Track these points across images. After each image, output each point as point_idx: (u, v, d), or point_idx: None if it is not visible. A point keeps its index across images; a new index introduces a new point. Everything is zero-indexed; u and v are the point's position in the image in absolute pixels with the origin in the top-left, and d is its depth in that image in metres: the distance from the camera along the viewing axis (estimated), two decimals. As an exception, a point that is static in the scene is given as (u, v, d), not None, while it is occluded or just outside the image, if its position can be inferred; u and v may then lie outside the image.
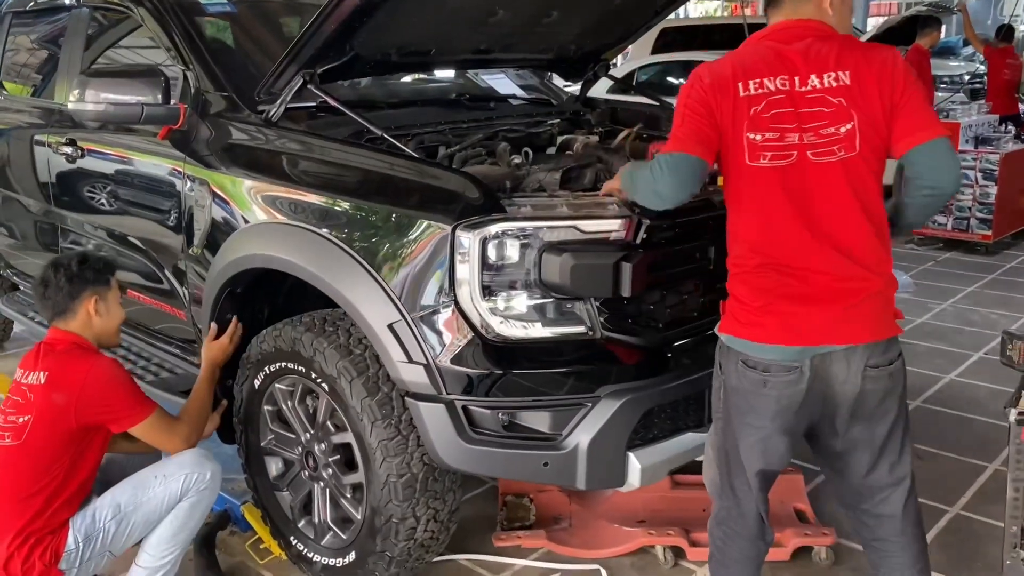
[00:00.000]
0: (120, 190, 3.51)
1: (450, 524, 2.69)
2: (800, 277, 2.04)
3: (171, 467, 2.62)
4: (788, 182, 2.03)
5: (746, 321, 2.10)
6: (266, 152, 2.91)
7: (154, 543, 2.61)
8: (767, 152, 2.03)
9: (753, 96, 2.03)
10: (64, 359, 2.56)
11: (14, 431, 2.50)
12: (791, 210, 2.03)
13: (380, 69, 3.22)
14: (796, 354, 2.05)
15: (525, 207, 2.40)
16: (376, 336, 2.43)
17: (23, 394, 2.53)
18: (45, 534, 2.46)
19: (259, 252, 2.75)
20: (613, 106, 4.02)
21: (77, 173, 3.71)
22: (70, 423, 2.49)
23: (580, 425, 2.39)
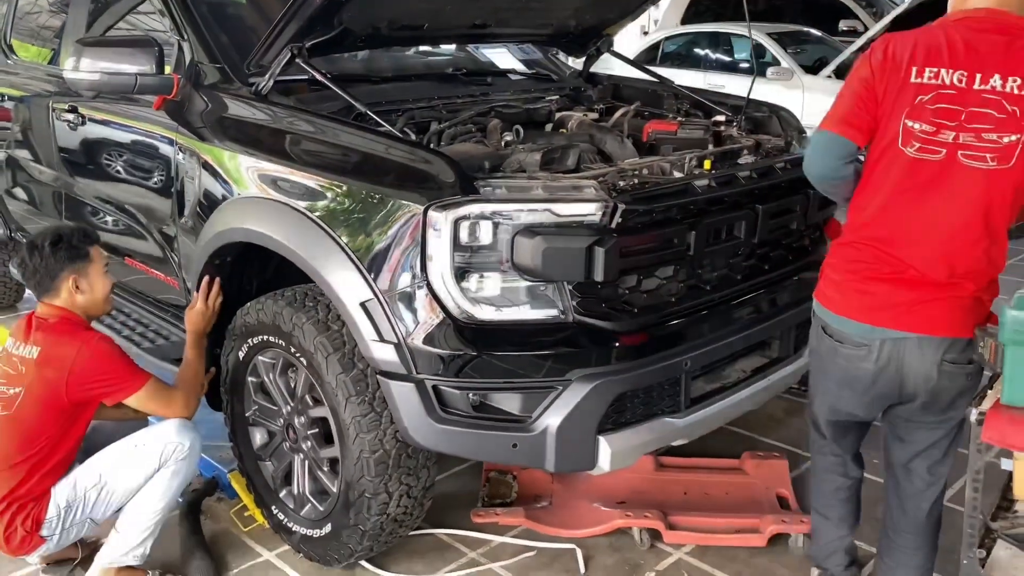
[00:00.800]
0: (119, 159, 3.54)
1: (424, 500, 2.72)
2: (893, 265, 2.10)
3: (150, 436, 2.67)
4: (925, 176, 2.05)
5: (830, 291, 2.22)
6: (252, 125, 2.91)
7: (133, 510, 2.67)
8: (917, 142, 2.05)
9: (924, 85, 2.03)
10: (55, 335, 2.60)
11: (4, 401, 2.56)
12: (914, 202, 2.06)
13: (371, 43, 3.20)
14: (866, 332, 2.14)
15: (500, 189, 2.39)
16: (349, 314, 2.44)
17: (15, 365, 2.59)
18: (28, 501, 2.54)
19: (240, 226, 2.77)
20: (616, 82, 3.97)
21: (79, 140, 3.75)
22: (61, 399, 2.56)
23: (550, 408, 2.39)
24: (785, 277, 2.99)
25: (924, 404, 2.20)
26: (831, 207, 3.17)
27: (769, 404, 3.96)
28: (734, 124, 3.34)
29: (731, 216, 2.67)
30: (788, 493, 3.18)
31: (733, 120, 3.38)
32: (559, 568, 2.87)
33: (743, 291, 2.83)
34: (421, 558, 2.92)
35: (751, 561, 2.89)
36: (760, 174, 2.80)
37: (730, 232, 2.69)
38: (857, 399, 2.26)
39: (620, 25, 3.84)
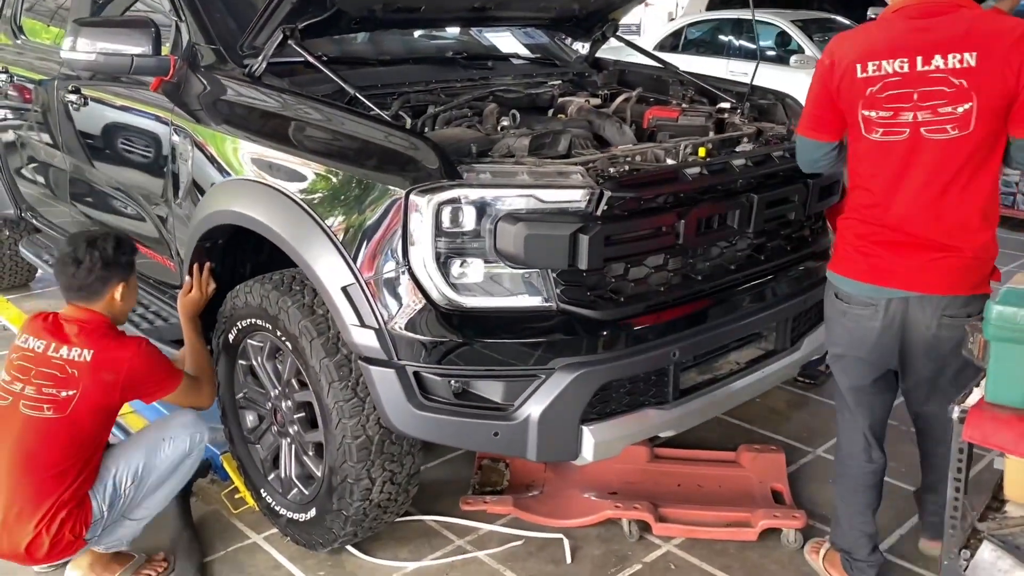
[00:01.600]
0: (119, 140, 3.55)
1: (409, 488, 2.70)
2: (892, 232, 2.31)
3: (176, 428, 2.73)
4: (900, 155, 2.26)
5: (841, 258, 2.44)
6: (242, 107, 2.90)
7: (154, 501, 2.72)
8: (879, 128, 2.26)
9: (870, 78, 2.23)
10: (106, 341, 2.59)
11: (56, 404, 2.50)
12: (900, 179, 2.27)
13: (366, 26, 3.17)
14: (873, 292, 2.36)
15: (484, 174, 2.35)
16: (330, 298, 2.42)
17: (60, 368, 2.53)
18: (72, 508, 2.50)
19: (228, 208, 2.77)
20: (621, 68, 3.91)
21: (82, 121, 3.76)
22: (114, 400, 2.59)
23: (532, 396, 2.36)
24: (782, 268, 2.93)
25: (925, 353, 2.41)
26: (833, 197, 3.11)
27: (770, 396, 3.92)
28: (738, 111, 3.28)
29: (723, 205, 2.61)
30: (783, 488, 3.13)
31: (737, 107, 3.32)
32: (545, 558, 2.84)
33: (737, 282, 2.77)
34: (407, 544, 2.91)
35: (741, 555, 2.85)
36: (756, 162, 2.74)
37: (723, 221, 2.63)
38: (867, 354, 2.46)
39: (625, 9, 3.79)
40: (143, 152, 3.36)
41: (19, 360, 2.58)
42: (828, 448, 3.48)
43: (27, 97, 4.32)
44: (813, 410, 3.86)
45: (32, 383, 2.53)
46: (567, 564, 2.81)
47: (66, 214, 4.23)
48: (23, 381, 2.54)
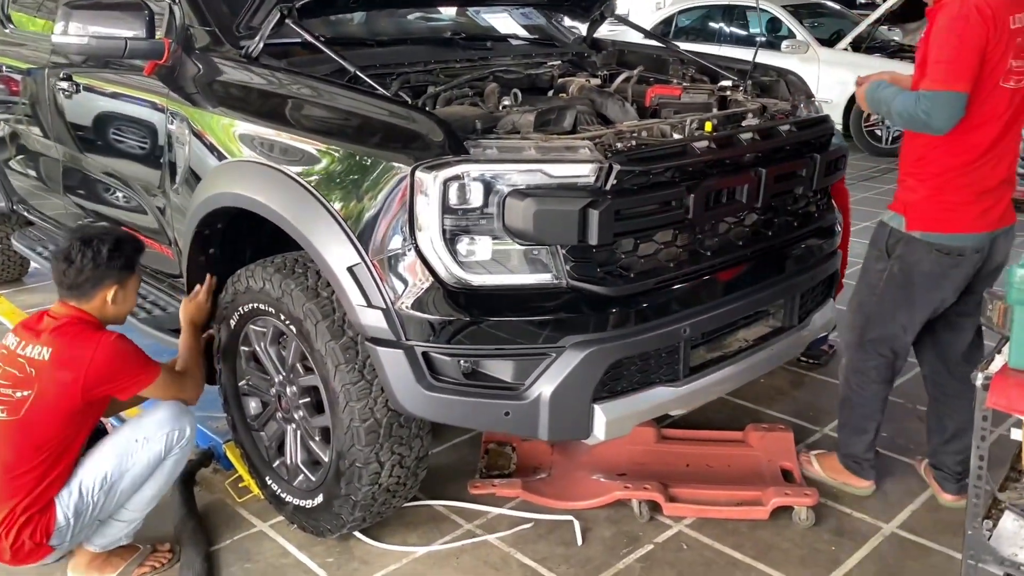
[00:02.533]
0: (113, 126, 3.49)
1: (418, 471, 2.67)
2: (996, 178, 2.60)
3: (151, 427, 2.57)
4: (1015, 101, 2.54)
5: (948, 217, 2.60)
6: (241, 88, 2.85)
7: (138, 502, 2.62)
8: (1013, 77, 2.51)
9: (1018, 28, 2.48)
10: (69, 336, 2.46)
11: (10, 406, 2.41)
12: (1008, 123, 2.55)
13: (362, 4, 3.13)
14: (987, 238, 2.66)
15: (490, 149, 2.31)
16: (336, 279, 2.38)
17: (21, 367, 2.43)
18: (33, 513, 2.41)
19: (228, 191, 2.72)
20: (620, 48, 3.87)
21: (74, 109, 3.70)
22: (75, 401, 2.43)
23: (543, 375, 2.33)
24: (790, 244, 2.91)
25: (987, 278, 2.75)
26: (840, 172, 3.09)
27: (775, 376, 3.90)
28: (740, 89, 3.24)
29: (732, 179, 2.57)
30: (792, 466, 3.11)
31: (740, 85, 3.29)
32: (556, 540, 2.81)
33: (746, 258, 2.74)
34: (415, 529, 2.88)
35: (752, 534, 2.82)
36: (763, 136, 2.71)
37: (731, 196, 2.60)
38: (959, 290, 2.72)
39: (624, -12, 3.73)
40: (138, 139, 3.30)
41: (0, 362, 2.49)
42: (834, 427, 3.45)
43: (16, 88, 4.25)
44: (817, 389, 3.84)
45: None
46: (578, 546, 2.78)
47: (59, 206, 4.17)
48: None
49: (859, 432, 2.96)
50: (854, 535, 2.82)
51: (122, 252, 2.59)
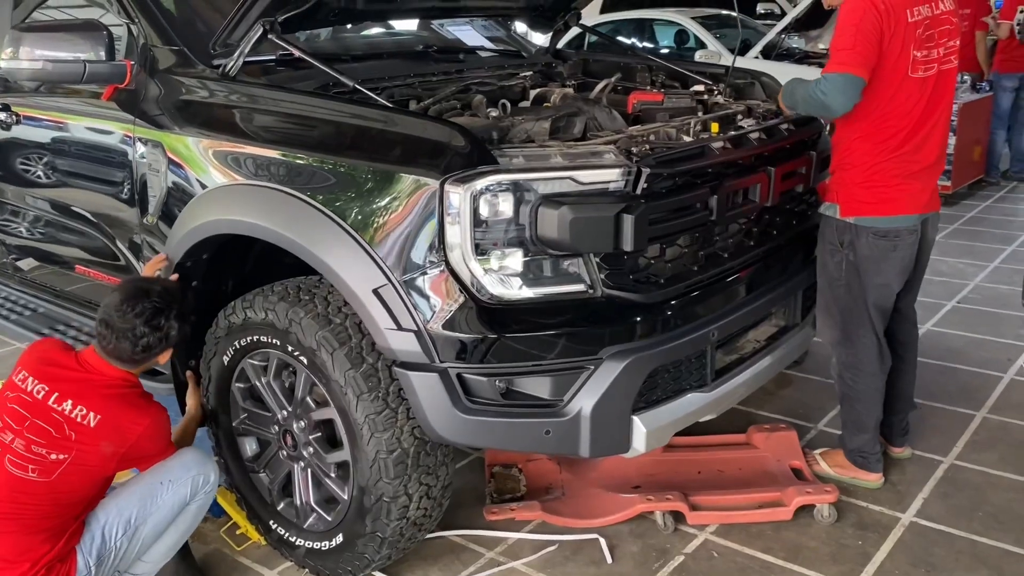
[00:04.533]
0: (63, 159, 3.23)
1: (443, 500, 2.54)
2: (921, 163, 2.72)
3: (177, 471, 2.40)
4: (929, 90, 2.67)
5: (879, 200, 2.72)
6: (227, 108, 2.67)
7: (156, 552, 2.43)
8: (921, 66, 2.64)
9: (917, 21, 2.61)
10: (121, 404, 2.30)
11: (42, 467, 2.21)
12: (926, 111, 2.68)
13: (344, 17, 3.00)
14: (917, 220, 2.79)
15: (517, 158, 2.22)
16: (360, 303, 2.24)
17: (59, 426, 2.22)
18: (55, 563, 2.22)
19: (224, 217, 2.53)
20: (585, 58, 3.85)
21: (13, 141, 3.42)
22: (109, 469, 2.31)
23: (583, 389, 2.25)
24: (792, 242, 2.92)
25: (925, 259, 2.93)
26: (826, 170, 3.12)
27: (759, 378, 3.91)
28: (717, 93, 3.26)
29: (748, 179, 2.56)
30: (802, 464, 3.10)
31: (715, 89, 3.30)
32: (584, 560, 2.72)
33: (758, 257, 2.74)
34: (435, 563, 2.73)
35: (778, 536, 2.80)
36: (769, 135, 2.72)
37: (746, 196, 2.59)
38: (903, 274, 2.85)
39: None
40: (97, 169, 3.06)
41: (14, 404, 2.27)
42: (828, 422, 3.49)
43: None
44: (802, 388, 3.87)
45: (24, 436, 2.22)
46: (609, 564, 2.70)
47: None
48: (15, 432, 2.23)
49: (861, 427, 2.99)
50: (876, 528, 2.83)
51: (183, 319, 2.43)
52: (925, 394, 3.64)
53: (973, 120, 7.34)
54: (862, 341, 2.87)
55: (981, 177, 7.71)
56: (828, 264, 2.85)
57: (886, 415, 3.09)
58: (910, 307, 3.06)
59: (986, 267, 5.42)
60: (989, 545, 2.73)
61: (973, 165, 7.54)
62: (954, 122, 6.91)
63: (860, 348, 2.88)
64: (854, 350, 2.89)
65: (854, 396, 2.95)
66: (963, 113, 7.00)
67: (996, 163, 7.82)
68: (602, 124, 2.94)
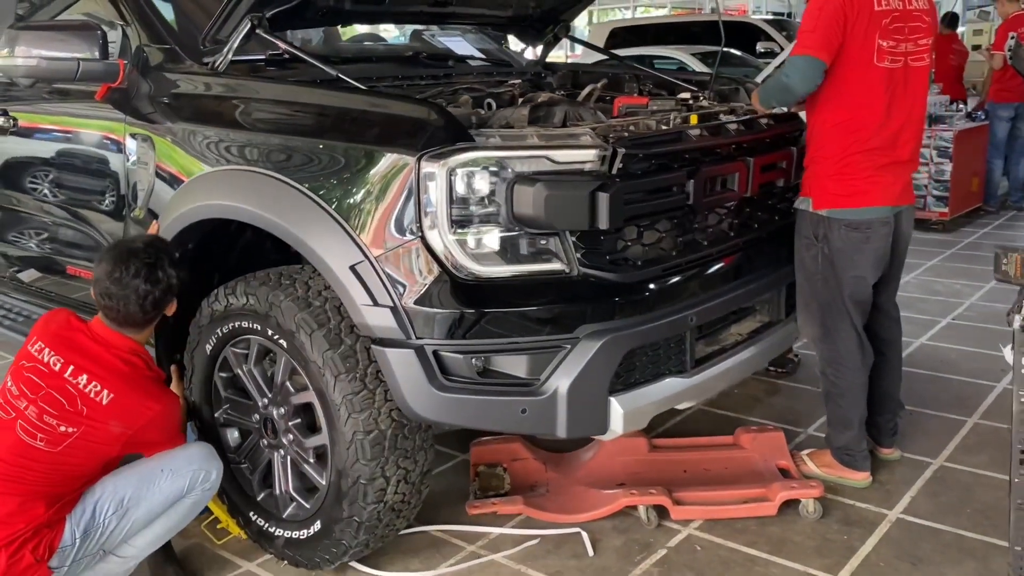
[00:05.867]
0: (58, 159, 3.29)
1: (422, 488, 2.52)
2: (893, 157, 2.74)
3: (179, 461, 2.41)
4: (897, 82, 2.69)
5: (850, 192, 2.74)
6: (213, 99, 2.72)
7: (145, 538, 2.42)
8: (887, 57, 2.66)
9: (884, 11, 2.65)
10: (135, 387, 2.34)
11: (50, 437, 2.23)
12: (893, 103, 2.69)
13: (332, 18, 3.07)
14: (889, 211, 2.79)
15: (494, 138, 2.26)
16: (338, 280, 2.26)
17: (72, 399, 2.26)
18: (43, 528, 2.23)
19: (207, 202, 2.57)
20: (574, 68, 3.91)
21: (12, 145, 3.48)
22: (114, 450, 2.33)
23: (559, 368, 2.25)
24: (775, 236, 2.94)
25: (897, 254, 2.93)
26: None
27: (748, 386, 3.91)
28: (702, 98, 3.30)
29: (725, 166, 2.60)
30: (788, 463, 3.08)
31: (700, 95, 3.34)
32: (566, 553, 2.69)
33: (739, 248, 2.75)
34: (416, 556, 2.71)
35: (763, 531, 2.77)
36: (747, 127, 2.75)
37: (724, 184, 2.61)
38: (877, 267, 2.84)
39: (578, 9, 3.80)
40: (92, 168, 3.11)
41: (30, 373, 2.30)
42: (818, 427, 3.47)
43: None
44: (792, 395, 3.86)
45: (37, 405, 2.25)
46: (590, 557, 2.66)
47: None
48: (29, 400, 2.26)
49: (845, 424, 2.97)
50: (862, 523, 2.79)
51: (175, 261, 2.46)
52: (917, 401, 3.62)
53: (970, 148, 7.38)
54: (841, 335, 2.86)
55: (979, 206, 7.74)
56: (804, 258, 2.86)
57: (873, 415, 3.07)
58: (890, 303, 3.06)
59: (981, 287, 5.41)
60: (976, 539, 2.69)
61: (971, 194, 7.57)
62: (950, 149, 6.97)
63: (840, 342, 2.87)
64: (834, 345, 2.89)
65: (837, 392, 2.94)
66: (959, 140, 7.05)
67: (994, 191, 7.85)
68: (583, 118, 2.99)
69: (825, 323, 2.87)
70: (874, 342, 2.98)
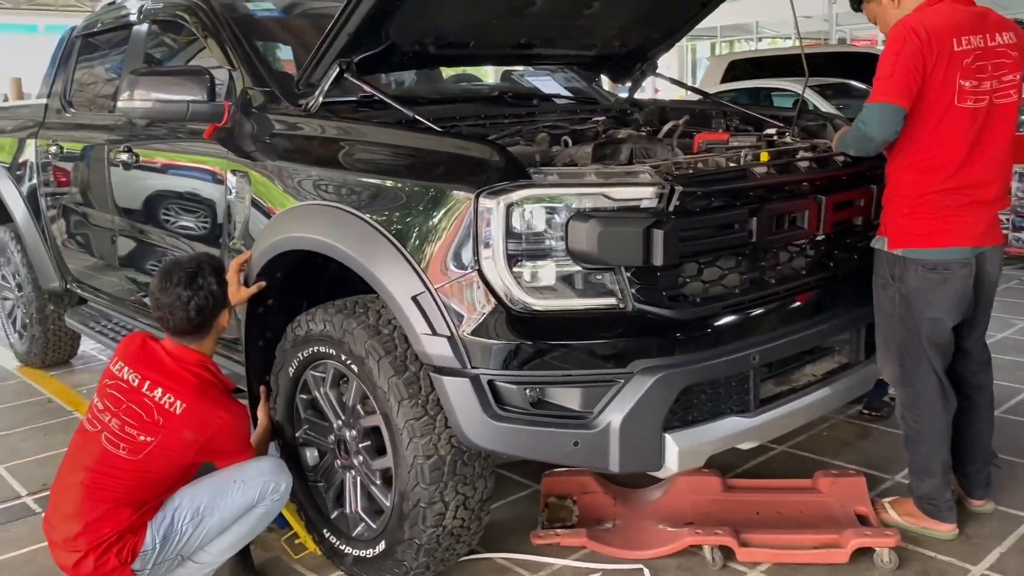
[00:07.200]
0: (171, 191, 3.57)
1: (481, 514, 2.59)
2: (975, 196, 2.66)
3: (250, 473, 2.59)
4: (981, 121, 2.62)
5: (927, 231, 2.66)
6: (301, 139, 2.92)
7: (220, 545, 2.59)
8: (970, 97, 2.59)
9: (965, 50, 2.58)
10: (205, 397, 2.55)
11: (132, 446, 2.46)
12: (976, 142, 2.62)
13: (418, 61, 3.22)
14: (970, 253, 2.69)
15: (552, 176, 2.33)
16: (400, 309, 2.37)
17: (149, 411, 2.49)
18: (127, 532, 2.44)
19: (292, 235, 2.73)
20: (662, 105, 3.94)
21: (132, 179, 3.80)
22: (188, 457, 2.54)
23: (612, 402, 2.27)
24: (853, 276, 2.86)
25: (984, 298, 2.81)
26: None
27: (837, 428, 3.79)
28: (786, 135, 3.27)
29: (793, 204, 2.57)
30: (868, 510, 2.97)
31: (786, 131, 3.31)
32: (626, 589, 2.69)
33: (811, 287, 2.70)
34: (479, 582, 2.77)
35: (833, 579, 2.69)
36: (820, 164, 2.71)
37: (793, 222, 2.59)
38: (957, 309, 2.73)
39: (664, 47, 3.83)
40: (197, 200, 3.37)
41: (112, 389, 2.54)
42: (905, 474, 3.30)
43: (75, 167, 4.39)
44: (882, 440, 3.71)
45: (119, 417, 2.49)
46: (650, 594, 2.66)
47: (114, 282, 4.24)
48: (112, 414, 2.49)
49: (926, 471, 2.85)
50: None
51: (221, 275, 2.69)
52: (1016, 450, 3.41)
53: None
54: (920, 378, 2.76)
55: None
56: (881, 298, 2.78)
57: (962, 464, 2.94)
58: (977, 346, 2.93)
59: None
60: (1067, 603, 2.53)
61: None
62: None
63: (919, 386, 2.77)
64: (913, 388, 2.79)
65: (916, 437, 2.83)
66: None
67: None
68: (654, 154, 3.02)
69: (904, 365, 2.78)
70: (961, 387, 2.86)
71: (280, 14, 3.73)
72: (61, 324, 4.97)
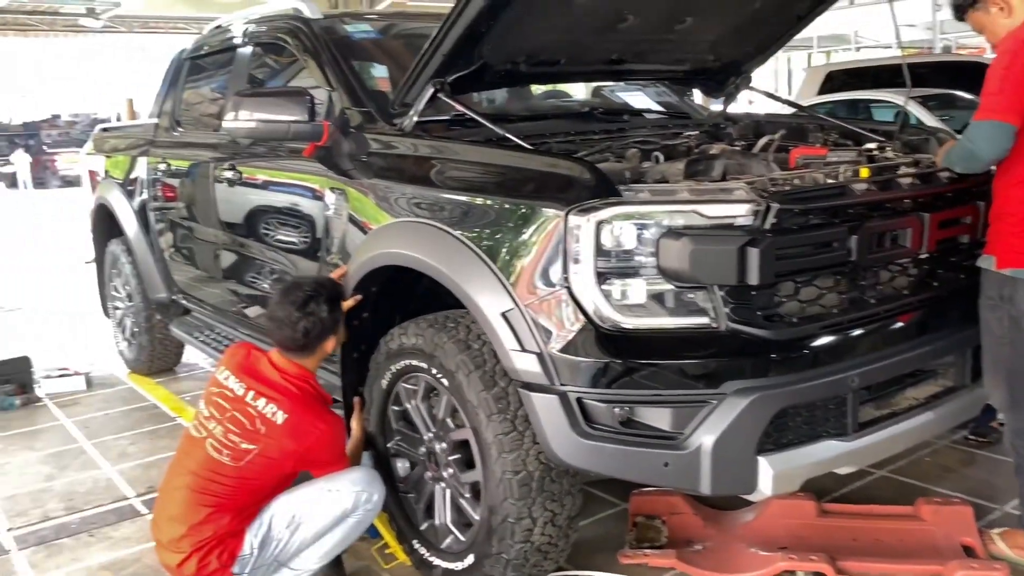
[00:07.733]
0: (274, 207, 3.69)
1: (569, 531, 2.58)
2: None
3: (344, 483, 2.67)
4: None
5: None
6: (396, 157, 2.98)
7: (313, 553, 2.67)
8: None
9: None
10: (305, 409, 2.65)
11: (234, 453, 2.58)
12: None
13: (510, 80, 3.25)
14: None
15: (643, 193, 2.31)
16: (490, 325, 2.39)
17: (251, 419, 2.60)
18: (227, 537, 2.56)
19: (386, 250, 2.80)
20: (756, 119, 3.87)
21: (236, 195, 3.95)
22: (287, 466, 2.64)
23: (704, 423, 2.24)
24: (959, 296, 2.75)
25: None
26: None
27: (941, 455, 3.64)
28: (887, 149, 3.17)
29: (895, 222, 2.49)
30: (974, 542, 2.84)
31: (886, 146, 3.21)
32: (716, 613, 2.64)
33: (913, 307, 2.61)
34: (566, 599, 2.76)
35: (936, 612, 2.57)
36: (923, 181, 2.62)
37: (895, 241, 2.50)
38: None
39: (759, 61, 3.76)
40: (297, 217, 3.48)
41: (217, 398, 2.66)
42: (1016, 505, 3.16)
43: (182, 183, 4.60)
44: (989, 468, 3.54)
45: (224, 424, 2.60)
46: (741, 620, 2.60)
47: (217, 294, 4.41)
48: (217, 420, 2.61)
49: None
50: (1056, 616, 2.53)
51: (335, 306, 2.77)
52: None
53: None
54: None
55: None
56: (989, 320, 2.67)
57: None
58: None
59: None
60: None
61: None
62: None
63: None
64: (1023, 415, 2.65)
65: None
66: None
67: None
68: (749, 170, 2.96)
69: (1013, 390, 2.65)
70: None
71: (377, 35, 3.83)
72: (167, 333, 5.19)
